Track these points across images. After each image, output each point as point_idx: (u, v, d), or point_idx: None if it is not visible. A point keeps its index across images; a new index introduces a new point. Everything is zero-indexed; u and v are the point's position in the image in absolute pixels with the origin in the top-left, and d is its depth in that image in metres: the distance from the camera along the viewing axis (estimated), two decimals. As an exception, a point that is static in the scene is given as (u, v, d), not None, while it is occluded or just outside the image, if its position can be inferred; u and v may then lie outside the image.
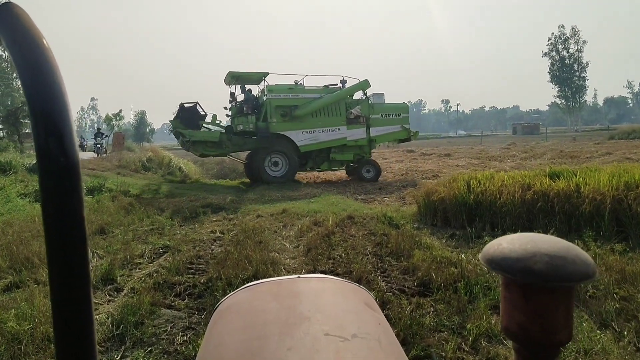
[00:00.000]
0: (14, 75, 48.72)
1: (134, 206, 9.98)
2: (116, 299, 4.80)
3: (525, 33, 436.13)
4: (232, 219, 9.05)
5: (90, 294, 0.51)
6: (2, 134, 35.45)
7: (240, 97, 16.37)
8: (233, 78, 15.99)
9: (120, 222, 8.53)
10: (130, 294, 4.83)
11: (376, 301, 1.03)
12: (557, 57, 79.47)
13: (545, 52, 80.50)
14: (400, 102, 18.27)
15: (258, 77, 16.27)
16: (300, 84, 16.33)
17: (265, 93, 15.89)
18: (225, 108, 16.59)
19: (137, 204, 10.43)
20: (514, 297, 0.60)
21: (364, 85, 16.66)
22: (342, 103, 16.21)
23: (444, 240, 6.63)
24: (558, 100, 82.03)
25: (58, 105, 0.47)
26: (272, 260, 5.80)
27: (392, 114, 17.07)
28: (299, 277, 1.01)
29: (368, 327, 0.81)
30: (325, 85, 16.75)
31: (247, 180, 17.20)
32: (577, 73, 78.87)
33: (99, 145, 27.43)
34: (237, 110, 16.02)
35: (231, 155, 17.38)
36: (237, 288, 1.03)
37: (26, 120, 36.82)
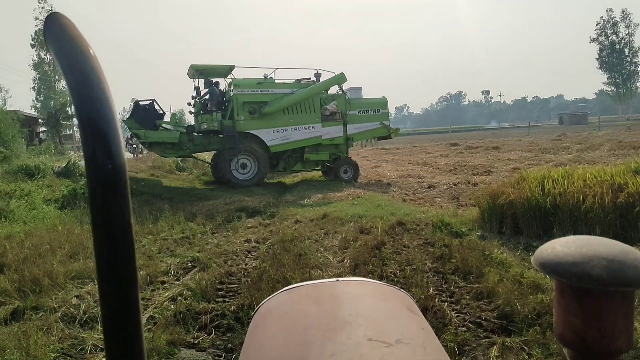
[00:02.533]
0: (56, 78, 49.90)
1: (165, 211, 9.31)
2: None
3: (568, 19, 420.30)
4: (268, 225, 8.23)
5: (138, 298, 0.51)
6: (45, 135, 36.15)
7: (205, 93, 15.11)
8: (197, 72, 14.71)
9: (149, 230, 7.84)
10: (146, 325, 4.06)
11: (417, 304, 0.97)
12: (605, 43, 75.46)
13: (593, 38, 76.57)
14: (378, 96, 16.57)
15: (224, 71, 14.79)
16: (270, 77, 14.89)
17: (232, 88, 14.56)
18: (189, 104, 15.37)
19: (169, 208, 9.77)
20: (570, 303, 0.60)
21: (340, 79, 15.25)
22: (317, 99, 14.89)
23: (518, 253, 5.58)
24: (607, 88, 77.89)
25: (105, 112, 0.48)
26: (314, 279, 4.92)
27: (371, 110, 15.69)
28: (337, 280, 0.98)
29: (411, 332, 0.79)
30: (297, 80, 15.26)
31: (287, 179, 16.37)
32: (628, 58, 74.72)
33: (134, 146, 27.34)
34: (201, 106, 14.70)
35: (194, 156, 16.11)
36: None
37: (68, 122, 37.50)
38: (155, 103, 14.47)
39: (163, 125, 14.52)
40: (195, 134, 14.55)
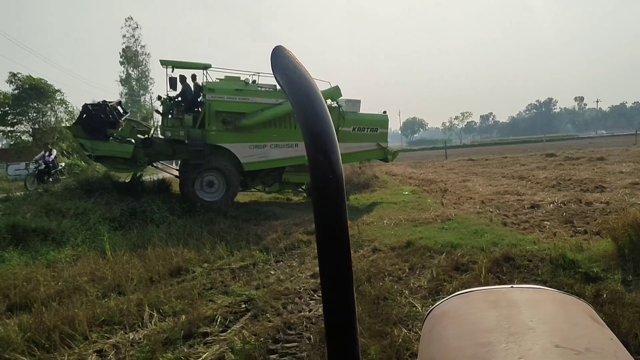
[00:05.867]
0: (141, 93, 52.03)
1: (227, 233, 8.34)
2: None
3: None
4: (341, 254, 6.96)
5: (353, 293, 0.58)
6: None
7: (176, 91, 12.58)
8: (172, 69, 12.40)
9: (205, 257, 6.86)
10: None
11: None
12: None
13: None
14: (378, 112, 14.11)
15: (195, 69, 12.53)
16: (254, 83, 12.62)
17: (205, 92, 12.14)
18: (159, 98, 12.64)
19: (232, 229, 8.81)
20: None
21: (334, 93, 13.09)
22: None
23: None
24: None
25: (325, 128, 0.56)
26: (397, 346, 3.59)
27: (368, 128, 13.43)
28: (512, 287, 0.94)
29: (600, 341, 0.73)
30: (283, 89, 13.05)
31: (364, 195, 14.90)
32: None
33: (40, 167, 25.11)
34: (170, 106, 12.32)
35: (156, 166, 13.62)
36: None
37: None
38: (107, 107, 12.28)
39: (117, 134, 12.09)
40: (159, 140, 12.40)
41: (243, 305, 4.98)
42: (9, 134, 27.89)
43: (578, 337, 0.74)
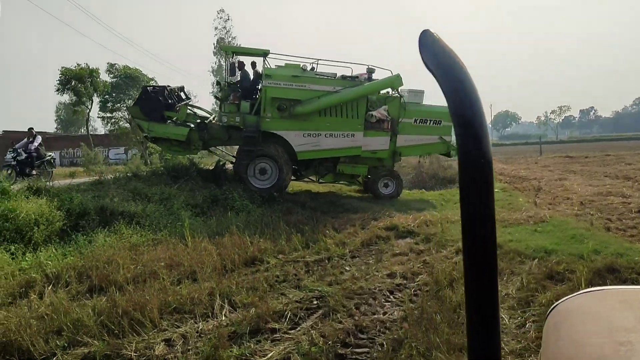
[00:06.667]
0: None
1: (304, 224, 8.21)
2: None
3: None
4: (421, 253, 6.59)
5: (496, 287, 0.58)
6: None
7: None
8: (231, 54, 12.45)
9: (280, 248, 6.76)
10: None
11: None
12: None
13: None
14: (444, 105, 12.63)
15: (256, 56, 12.37)
16: (312, 70, 12.22)
17: (262, 79, 11.94)
18: (218, 84, 12.56)
19: (309, 220, 8.67)
20: None
21: (395, 81, 12.15)
22: (363, 101, 12.06)
23: None
24: None
25: (477, 114, 0.55)
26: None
27: (430, 121, 12.51)
28: None
29: None
30: (342, 76, 12.27)
31: (446, 192, 14.20)
32: None
33: (19, 157, 24.11)
34: (228, 92, 12.25)
35: (213, 151, 13.83)
36: None
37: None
38: (166, 90, 12.38)
39: (174, 117, 12.22)
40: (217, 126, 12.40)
41: (315, 302, 4.78)
42: (109, 120, 30.01)
43: None
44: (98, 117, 31.78)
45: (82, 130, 46.49)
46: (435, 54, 0.57)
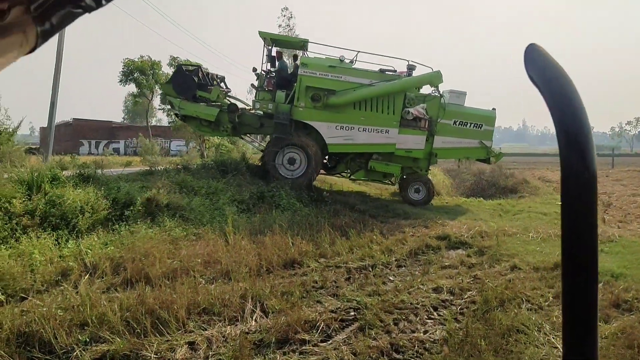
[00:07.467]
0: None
1: (350, 227, 7.87)
2: None
3: None
4: (473, 267, 6.12)
5: (596, 295, 0.53)
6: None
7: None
8: (270, 42, 12.27)
9: (323, 251, 6.48)
10: None
11: None
12: None
13: None
14: (487, 108, 12.30)
15: (296, 46, 12.35)
16: (350, 61, 11.75)
17: (299, 67, 11.74)
18: (254, 70, 12.28)
19: (357, 223, 8.32)
20: None
21: (434, 78, 11.60)
22: (400, 97, 11.47)
23: None
24: None
25: (582, 127, 0.53)
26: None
27: (471, 124, 11.79)
28: None
29: None
30: (380, 70, 11.80)
31: (505, 202, 13.37)
32: None
33: None
34: (264, 81, 12.09)
35: (243, 138, 13.81)
36: None
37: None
38: (200, 70, 12.45)
39: (205, 97, 12.10)
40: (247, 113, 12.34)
41: (351, 313, 4.47)
42: (169, 112, 30.75)
43: None
44: (159, 108, 32.68)
45: (152, 121, 48.17)
46: (541, 68, 0.57)
